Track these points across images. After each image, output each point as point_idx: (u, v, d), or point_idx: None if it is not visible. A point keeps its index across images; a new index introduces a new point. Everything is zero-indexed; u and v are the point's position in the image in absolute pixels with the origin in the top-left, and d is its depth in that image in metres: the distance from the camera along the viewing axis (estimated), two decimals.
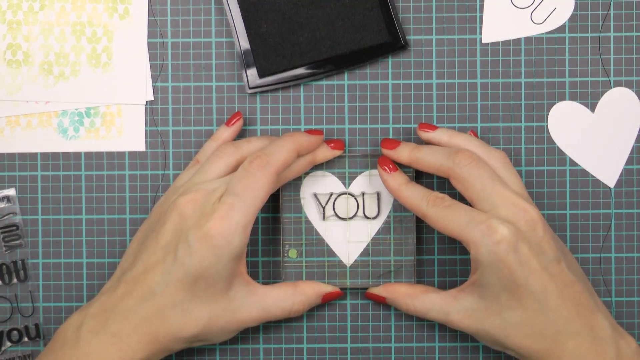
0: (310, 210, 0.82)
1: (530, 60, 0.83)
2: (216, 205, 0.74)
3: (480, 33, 0.83)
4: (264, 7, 0.81)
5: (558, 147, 0.83)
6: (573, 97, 0.83)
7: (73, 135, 0.83)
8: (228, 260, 0.74)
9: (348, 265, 0.82)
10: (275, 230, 0.83)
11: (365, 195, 0.82)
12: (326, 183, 0.82)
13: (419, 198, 0.77)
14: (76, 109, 0.83)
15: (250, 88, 0.82)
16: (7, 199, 0.82)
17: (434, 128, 0.80)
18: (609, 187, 0.83)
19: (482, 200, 0.76)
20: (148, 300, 0.74)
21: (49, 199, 0.83)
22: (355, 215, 0.82)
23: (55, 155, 0.83)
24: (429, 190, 0.78)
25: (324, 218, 0.82)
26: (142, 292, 0.74)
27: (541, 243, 0.75)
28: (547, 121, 0.83)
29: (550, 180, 0.83)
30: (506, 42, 0.83)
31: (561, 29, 0.83)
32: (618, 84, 0.83)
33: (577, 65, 0.83)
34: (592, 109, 0.83)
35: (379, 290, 0.81)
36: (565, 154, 0.83)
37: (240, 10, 0.81)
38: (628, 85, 0.83)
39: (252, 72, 0.82)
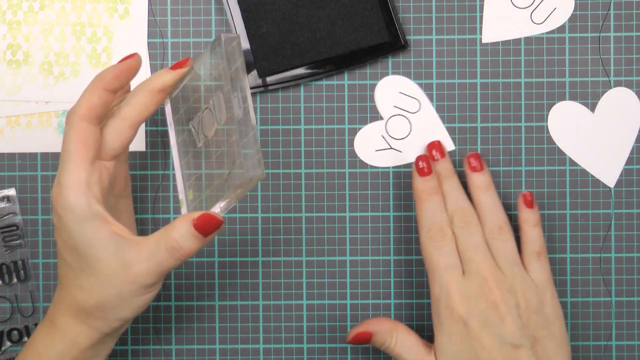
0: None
1: (530, 60, 0.83)
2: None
3: (480, 33, 0.83)
4: (264, 7, 0.81)
5: (558, 147, 0.83)
6: (573, 97, 0.83)
7: None
8: (77, 223, 0.69)
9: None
10: (275, 230, 0.83)
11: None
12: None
13: (425, 217, 0.78)
14: None
15: (250, 88, 0.82)
16: (7, 199, 0.82)
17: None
18: (609, 187, 0.83)
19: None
20: (59, 284, 0.73)
21: (49, 199, 0.82)
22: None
23: (55, 155, 0.83)
24: (442, 214, 0.78)
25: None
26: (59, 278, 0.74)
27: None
28: (547, 121, 0.83)
29: (550, 180, 0.83)
30: (506, 42, 0.83)
31: (561, 29, 0.83)
32: (618, 84, 0.83)
33: (577, 65, 0.83)
34: (592, 109, 0.83)
35: (363, 327, 0.79)
36: (565, 154, 0.83)
37: (240, 10, 0.81)
38: (628, 85, 0.83)
39: (252, 72, 0.82)
